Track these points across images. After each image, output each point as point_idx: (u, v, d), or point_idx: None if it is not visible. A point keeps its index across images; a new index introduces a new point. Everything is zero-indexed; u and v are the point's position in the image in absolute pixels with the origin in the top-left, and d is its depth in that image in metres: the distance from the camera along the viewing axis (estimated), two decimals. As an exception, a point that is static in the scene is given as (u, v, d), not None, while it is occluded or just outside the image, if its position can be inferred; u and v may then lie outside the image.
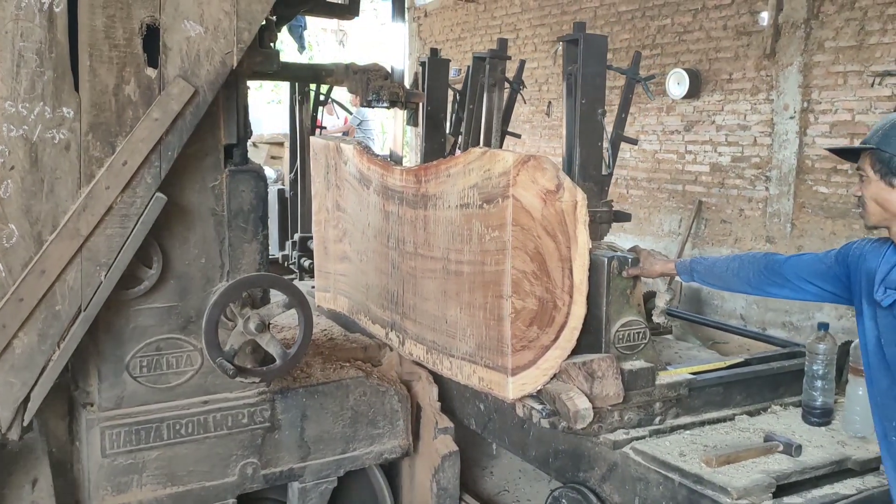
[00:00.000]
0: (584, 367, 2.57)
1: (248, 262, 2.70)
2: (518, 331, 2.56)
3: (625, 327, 2.72)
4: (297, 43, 11.02)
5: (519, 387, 2.61)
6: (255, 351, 2.74)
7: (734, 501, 2.28)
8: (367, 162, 3.45)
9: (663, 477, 2.49)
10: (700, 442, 2.66)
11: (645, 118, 8.22)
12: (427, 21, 11.68)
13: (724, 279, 2.61)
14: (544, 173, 2.52)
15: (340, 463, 3.01)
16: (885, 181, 1.97)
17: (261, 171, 2.73)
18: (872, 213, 2.05)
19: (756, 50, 7.03)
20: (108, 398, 2.57)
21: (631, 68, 4.23)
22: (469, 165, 2.71)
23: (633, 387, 2.68)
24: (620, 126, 4.15)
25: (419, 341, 3.14)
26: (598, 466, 2.76)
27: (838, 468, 2.54)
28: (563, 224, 2.57)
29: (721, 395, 2.93)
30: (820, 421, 2.80)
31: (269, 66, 2.73)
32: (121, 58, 2.26)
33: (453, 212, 2.80)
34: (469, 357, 2.80)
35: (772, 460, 2.51)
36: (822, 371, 2.79)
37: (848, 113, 6.38)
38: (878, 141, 1.98)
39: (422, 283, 3.05)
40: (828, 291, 2.33)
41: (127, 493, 2.60)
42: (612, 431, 2.70)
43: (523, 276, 2.54)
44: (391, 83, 3.38)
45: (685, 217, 7.78)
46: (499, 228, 2.56)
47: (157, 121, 2.28)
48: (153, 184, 2.32)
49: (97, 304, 2.31)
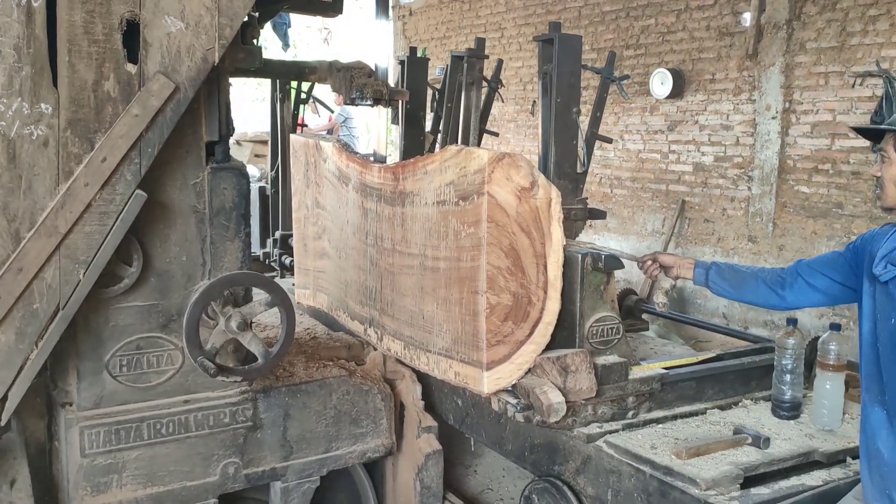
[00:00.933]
0: (557, 362, 2.60)
1: (230, 260, 2.68)
2: (493, 326, 2.59)
3: (598, 323, 2.76)
4: (282, 41, 10.97)
5: (494, 381, 2.64)
6: (237, 350, 2.72)
7: (703, 492, 2.32)
8: (346, 159, 3.46)
9: (635, 469, 2.53)
10: (671, 435, 2.70)
11: (629, 118, 8.25)
12: (412, 20, 11.67)
13: (741, 280, 2.65)
14: (519, 171, 2.56)
15: (323, 462, 3.00)
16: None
17: (243, 169, 2.72)
18: (891, 194, 2.04)
19: (739, 50, 7.08)
20: (87, 397, 2.54)
21: (605, 68, 4.27)
22: (445, 163, 2.73)
23: (607, 381, 2.72)
24: (595, 125, 4.19)
25: (397, 337, 3.15)
26: (572, 460, 2.79)
27: (805, 460, 2.58)
28: (538, 221, 2.61)
29: (693, 389, 2.97)
30: (789, 414, 2.84)
31: (252, 62, 2.72)
32: (100, 53, 2.23)
33: (430, 209, 2.82)
34: (445, 352, 2.83)
35: (740, 452, 2.55)
36: (791, 366, 2.83)
37: (829, 113, 6.44)
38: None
39: (399, 280, 3.07)
40: (837, 283, 2.34)
41: (106, 494, 2.57)
42: (585, 425, 2.73)
43: (498, 272, 2.57)
44: (375, 81, 3.36)
45: (668, 216, 7.82)
46: (474, 225, 2.59)
47: (136, 117, 2.25)
48: (133, 181, 2.30)
49: (76, 303, 2.29)
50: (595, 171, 8.77)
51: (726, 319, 7.05)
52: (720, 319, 7.01)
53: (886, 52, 6.02)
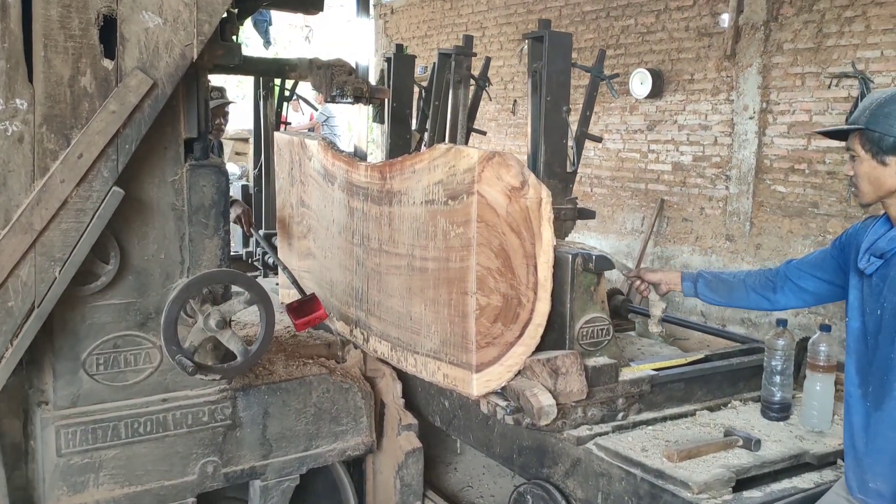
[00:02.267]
0: (548, 364, 2.57)
1: (208, 257, 2.66)
2: (482, 327, 2.56)
3: (589, 324, 2.73)
4: (263, 38, 10.92)
5: (483, 383, 2.62)
6: (216, 348, 2.71)
7: (695, 496, 2.30)
8: (331, 158, 3.42)
9: (625, 472, 2.50)
10: (662, 437, 2.68)
11: (609, 117, 8.30)
12: (393, 18, 11.65)
13: (729, 287, 2.67)
14: (509, 170, 2.53)
15: (303, 460, 2.99)
16: (877, 160, 2.01)
17: (222, 166, 2.70)
18: (865, 191, 2.08)
19: (717, 51, 7.14)
20: (63, 396, 2.52)
21: (595, 66, 4.27)
22: (434, 162, 2.70)
23: (597, 383, 2.69)
24: (585, 124, 4.18)
25: (384, 338, 3.13)
26: (561, 462, 2.76)
27: (796, 462, 2.57)
28: (528, 221, 2.58)
29: (682, 390, 2.96)
30: (778, 416, 2.84)
31: (231, 59, 2.69)
32: (76, 48, 2.21)
33: (418, 208, 2.79)
34: (433, 354, 2.80)
35: (731, 455, 2.53)
36: (781, 367, 2.83)
37: (805, 114, 6.51)
38: (867, 121, 2.01)
39: (386, 280, 3.04)
40: (825, 282, 2.37)
41: (83, 493, 2.55)
42: (575, 427, 2.70)
43: (488, 273, 2.54)
44: (355, 79, 3.35)
45: (648, 215, 7.87)
46: (463, 225, 2.56)
47: (114, 113, 2.23)
48: (110, 177, 2.27)
49: (51, 301, 2.26)
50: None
51: (704, 317, 7.11)
52: (697, 317, 7.07)
53: (862, 53, 6.10)
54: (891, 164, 1.99)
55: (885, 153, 1.99)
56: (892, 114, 1.97)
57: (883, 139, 1.98)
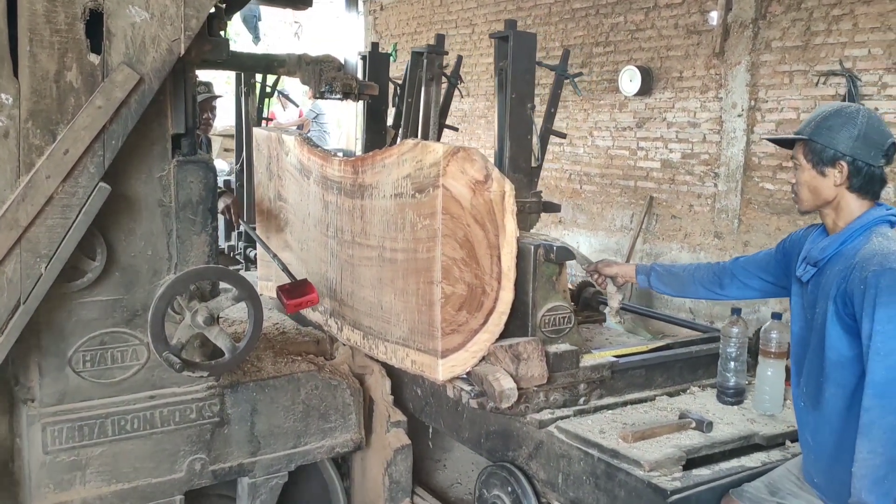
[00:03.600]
0: (510, 350, 2.67)
1: (196, 254, 2.65)
2: (448, 315, 2.65)
3: (551, 312, 2.82)
4: (252, 34, 10.88)
5: (448, 369, 2.71)
6: (204, 345, 2.70)
7: (646, 473, 2.40)
8: (307, 153, 3.48)
9: (584, 453, 2.60)
10: (620, 420, 2.78)
11: (598, 114, 8.31)
12: (383, 14, 11.62)
13: (679, 281, 2.80)
14: (473, 164, 2.61)
15: (291, 457, 2.98)
16: (817, 170, 2.11)
17: (210, 162, 2.69)
18: (805, 199, 2.18)
19: (706, 49, 7.16)
20: (49, 394, 2.50)
21: (559, 65, 4.35)
22: (403, 156, 2.78)
23: (558, 368, 2.79)
24: (549, 120, 4.28)
25: (356, 327, 3.19)
26: (525, 445, 2.85)
27: (746, 443, 2.68)
28: (492, 213, 2.66)
29: (643, 377, 3.06)
30: (733, 400, 2.94)
31: (219, 54, 2.68)
32: (62, 43, 2.19)
33: (388, 201, 2.86)
34: (403, 341, 2.88)
35: (684, 436, 2.64)
36: (735, 353, 2.92)
37: (793, 111, 6.54)
38: (811, 132, 2.12)
39: (359, 271, 3.11)
40: (770, 283, 2.50)
41: (70, 491, 2.54)
42: (538, 411, 2.79)
43: (453, 263, 2.63)
44: (344, 75, 3.34)
45: (637, 213, 7.89)
46: (430, 217, 2.64)
47: (100, 108, 2.22)
48: (96, 173, 2.26)
49: (37, 297, 2.24)
50: (565, 168, 8.82)
51: (693, 314, 7.14)
52: (686, 314, 7.10)
53: (849, 51, 6.13)
54: (829, 175, 2.10)
55: (824, 164, 2.09)
56: (834, 127, 2.08)
57: (824, 151, 2.08)
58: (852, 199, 2.10)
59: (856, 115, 2.09)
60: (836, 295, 2.04)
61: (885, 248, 1.99)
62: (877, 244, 2.02)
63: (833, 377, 2.07)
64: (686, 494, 2.34)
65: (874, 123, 2.10)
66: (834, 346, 2.06)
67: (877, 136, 2.07)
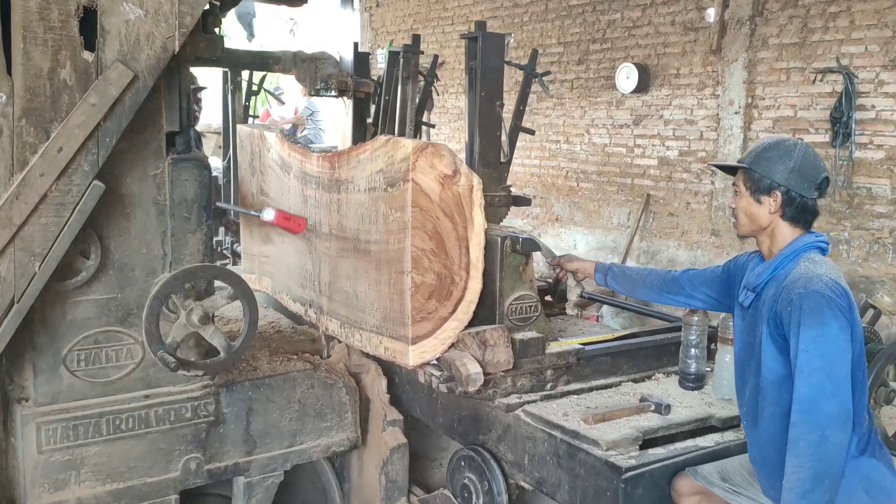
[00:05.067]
0: (477, 337, 2.77)
1: (191, 252, 2.64)
2: (418, 303, 2.74)
3: (517, 301, 2.93)
4: (247, 31, 10.84)
5: (419, 355, 2.80)
6: (199, 344, 2.68)
7: (604, 452, 2.52)
8: (287, 149, 3.57)
9: (547, 434, 2.72)
10: (584, 404, 2.89)
11: (595, 112, 8.30)
12: (379, 11, 11.60)
13: (632, 283, 2.98)
14: (442, 159, 2.71)
15: (287, 457, 2.97)
16: (754, 197, 2.26)
17: (205, 160, 2.68)
18: (742, 224, 2.32)
19: (703, 46, 7.15)
20: (44, 393, 2.49)
21: (528, 64, 4.53)
22: (375, 152, 2.88)
23: (525, 355, 2.89)
24: (518, 117, 4.45)
25: (334, 317, 3.27)
26: (494, 429, 2.97)
27: (702, 425, 2.79)
28: (460, 206, 2.77)
29: (609, 364, 3.18)
30: (694, 385, 3.04)
31: (213, 52, 2.67)
32: (56, 40, 2.18)
33: (362, 195, 2.96)
34: (376, 329, 2.96)
35: (643, 418, 2.75)
36: (696, 341, 3.02)
37: (790, 109, 6.54)
38: (751, 161, 2.27)
39: (336, 262, 3.20)
40: (713, 298, 2.66)
41: (64, 491, 2.52)
42: (505, 396, 2.91)
43: (422, 254, 2.73)
44: (340, 72, 3.35)
45: (634, 210, 7.89)
46: (400, 210, 2.73)
47: (94, 106, 2.20)
48: (90, 171, 2.25)
49: (31, 296, 2.23)
50: (561, 165, 8.82)
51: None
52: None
53: (846, 48, 6.13)
54: (764, 203, 2.24)
55: (760, 192, 2.24)
56: (772, 159, 2.23)
57: (761, 180, 2.23)
58: (785, 227, 2.24)
59: (793, 148, 2.23)
60: (770, 317, 2.16)
61: (810, 272, 2.12)
62: (804, 268, 2.14)
63: (771, 396, 2.19)
64: (640, 472, 2.47)
65: (810, 158, 2.23)
66: (769, 366, 2.18)
67: (811, 170, 2.21)
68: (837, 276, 2.15)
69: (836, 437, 2.02)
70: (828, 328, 2.04)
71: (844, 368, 2.05)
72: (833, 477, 2.03)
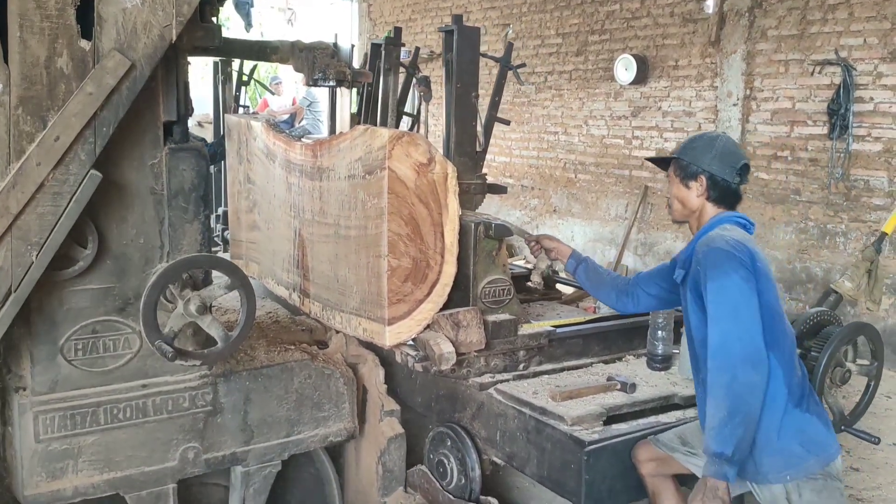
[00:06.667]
0: (450, 318, 2.90)
1: (189, 242, 2.63)
2: (394, 286, 2.85)
3: (490, 284, 3.06)
4: (245, 21, 10.81)
5: (395, 335, 2.91)
6: (197, 333, 2.68)
7: (569, 427, 2.64)
8: (272, 138, 3.65)
9: (517, 411, 2.83)
10: (554, 384, 2.99)
11: (593, 103, 8.29)
12: (377, 1, 11.55)
13: (597, 279, 3.06)
14: (417, 148, 2.82)
15: (285, 446, 2.98)
16: (683, 183, 2.52)
17: (202, 150, 2.67)
18: (676, 209, 2.57)
19: (701, 37, 7.14)
20: (41, 382, 2.49)
21: (503, 57, 4.68)
22: (354, 141, 2.98)
23: (497, 336, 3.01)
24: (494, 108, 4.60)
25: (316, 300, 3.36)
26: (468, 407, 3.09)
27: (665, 403, 2.91)
28: (435, 193, 2.89)
29: (581, 345, 3.31)
30: (661, 366, 3.14)
31: (211, 41, 2.66)
32: (53, 29, 2.17)
33: (343, 182, 3.06)
34: (355, 311, 3.07)
35: (609, 396, 2.88)
36: (663, 323, 3.13)
37: (789, 101, 6.54)
38: (680, 152, 2.55)
39: (318, 248, 3.30)
40: (666, 290, 2.79)
41: (62, 479, 2.53)
42: (479, 375, 3.03)
43: (399, 239, 2.83)
44: (338, 62, 3.33)
45: (632, 202, 7.89)
46: (377, 196, 2.84)
47: (91, 95, 2.20)
48: (87, 161, 2.24)
49: (28, 285, 2.23)
50: (559, 157, 8.81)
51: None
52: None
53: (845, 40, 6.12)
54: (692, 188, 2.50)
55: (688, 178, 2.50)
56: (697, 148, 2.51)
57: (689, 167, 2.50)
58: (711, 209, 2.49)
59: (715, 139, 2.53)
60: (691, 283, 2.39)
61: (716, 235, 2.36)
62: (713, 233, 2.38)
63: (703, 358, 2.35)
64: (602, 445, 2.60)
65: (730, 147, 2.52)
66: (696, 328, 2.40)
67: (731, 157, 2.48)
68: (744, 240, 2.34)
69: (746, 377, 2.18)
70: (729, 278, 2.24)
71: (748, 313, 2.23)
72: (746, 415, 2.18)
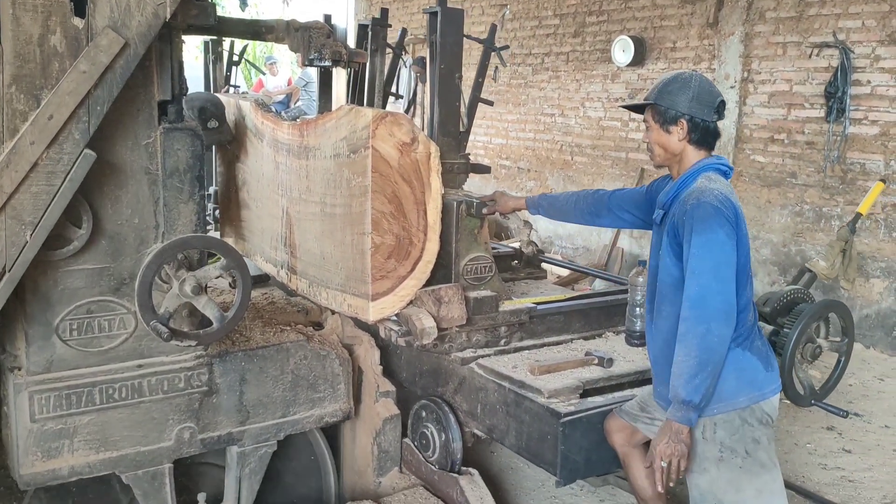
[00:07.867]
0: (433, 294, 2.96)
1: (184, 222, 2.62)
2: (378, 263, 2.90)
3: (472, 261, 3.15)
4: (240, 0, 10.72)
5: (378, 310, 2.97)
6: (192, 314, 2.68)
7: (546, 400, 2.72)
8: (261, 117, 3.67)
9: (497, 385, 2.92)
10: (534, 359, 3.06)
11: (590, 85, 8.26)
12: (373, -19, 11.46)
13: (563, 211, 3.14)
14: (400, 128, 2.86)
15: (280, 427, 2.99)
16: (663, 129, 2.51)
17: (197, 129, 2.65)
18: (658, 154, 2.57)
19: (700, 19, 7.11)
20: (36, 362, 2.49)
21: (487, 38, 4.75)
22: (340, 121, 3.01)
23: (479, 312, 3.07)
24: (478, 89, 4.70)
25: (303, 276, 3.41)
26: (451, 381, 3.17)
27: (641, 377, 3.00)
28: (418, 172, 2.94)
29: (561, 322, 3.38)
30: (638, 342, 3.18)
31: (206, 19, 2.64)
32: (46, 6, 2.14)
33: (328, 161, 3.10)
34: (341, 287, 3.12)
35: (586, 370, 2.97)
36: (640, 300, 3.14)
37: (786, 83, 6.52)
38: (656, 97, 2.52)
39: (305, 225, 3.33)
40: (638, 217, 2.86)
41: (58, 459, 2.54)
42: (461, 350, 3.10)
43: (382, 216, 2.88)
44: (333, 42, 3.31)
45: (628, 184, 7.87)
46: (361, 175, 2.88)
47: (84, 73, 2.18)
48: (81, 140, 2.22)
49: (23, 265, 2.22)
50: (556, 139, 8.79)
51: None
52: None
53: (843, 23, 6.10)
54: (673, 133, 2.49)
55: (668, 123, 2.49)
56: (673, 91, 2.49)
57: (667, 112, 2.49)
58: (692, 151, 2.50)
59: (690, 79, 2.50)
60: (669, 228, 2.43)
61: (704, 187, 2.38)
62: (700, 184, 2.40)
63: (668, 297, 2.45)
64: (578, 416, 2.68)
65: (706, 86, 2.49)
66: (668, 271, 2.44)
67: (707, 96, 2.47)
68: (729, 193, 2.39)
69: (720, 330, 2.28)
70: (715, 234, 2.29)
71: (729, 271, 2.31)
72: (715, 365, 2.30)
